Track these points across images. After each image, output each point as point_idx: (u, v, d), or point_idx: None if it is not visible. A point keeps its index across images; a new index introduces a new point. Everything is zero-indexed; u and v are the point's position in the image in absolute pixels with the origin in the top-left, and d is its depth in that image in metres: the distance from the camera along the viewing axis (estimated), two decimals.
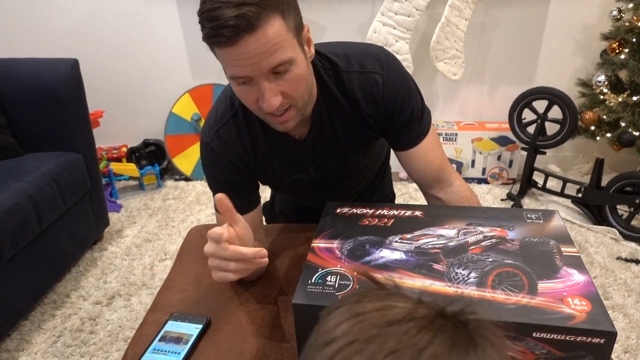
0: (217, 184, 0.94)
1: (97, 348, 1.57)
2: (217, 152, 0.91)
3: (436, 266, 0.70)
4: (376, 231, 0.80)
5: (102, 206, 2.07)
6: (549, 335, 0.59)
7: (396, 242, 0.77)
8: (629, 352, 1.54)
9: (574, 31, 2.51)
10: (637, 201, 2.08)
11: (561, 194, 2.33)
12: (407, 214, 0.85)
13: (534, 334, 0.60)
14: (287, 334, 0.79)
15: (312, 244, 0.78)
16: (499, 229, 0.78)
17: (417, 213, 0.85)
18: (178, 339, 0.76)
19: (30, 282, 1.65)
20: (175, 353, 0.74)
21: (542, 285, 0.65)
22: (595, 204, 2.25)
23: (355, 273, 0.70)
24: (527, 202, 2.46)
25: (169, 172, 2.84)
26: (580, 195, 2.27)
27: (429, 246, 0.75)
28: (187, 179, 2.74)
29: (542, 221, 0.79)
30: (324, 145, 0.96)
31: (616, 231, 2.14)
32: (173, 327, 0.80)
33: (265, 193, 2.17)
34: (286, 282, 0.91)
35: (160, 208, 2.45)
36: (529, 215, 0.81)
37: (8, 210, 1.49)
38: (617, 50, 2.20)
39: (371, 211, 0.86)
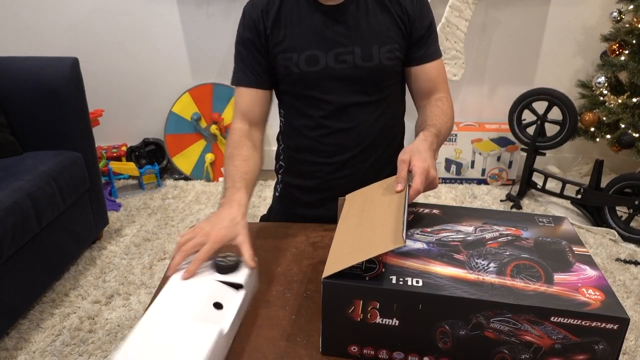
0: (240, 42, 1.11)
1: (95, 347, 1.57)
2: (247, 11, 1.09)
3: (457, 256, 0.75)
4: None
5: (101, 205, 2.07)
6: (565, 320, 0.64)
7: (417, 234, 0.82)
8: (627, 353, 1.54)
9: (574, 32, 2.52)
10: (637, 202, 2.08)
11: (560, 195, 2.33)
12: (425, 211, 0.90)
13: (552, 319, 0.64)
14: (287, 334, 0.79)
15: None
16: (513, 228, 0.84)
17: (435, 211, 0.90)
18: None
19: (29, 280, 1.65)
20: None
21: (558, 277, 0.70)
22: (594, 205, 2.25)
23: (380, 257, 0.73)
24: (526, 203, 2.46)
25: (169, 171, 2.84)
26: (579, 196, 2.27)
27: (449, 239, 0.80)
28: (186, 179, 2.75)
29: (553, 225, 0.85)
30: (354, 22, 1.04)
31: (615, 232, 2.15)
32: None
33: (265, 202, 2.15)
34: (285, 280, 0.91)
35: (160, 207, 2.45)
36: (540, 220, 0.87)
37: (7, 209, 1.48)
38: (617, 52, 2.21)
39: None
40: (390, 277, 0.69)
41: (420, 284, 0.68)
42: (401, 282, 0.68)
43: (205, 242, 0.83)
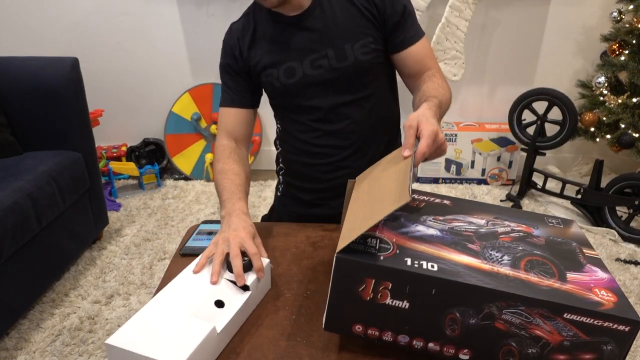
0: (222, 68, 1.16)
1: (95, 347, 1.57)
2: (225, 40, 1.15)
3: (470, 246, 0.74)
4: (409, 209, 0.83)
5: (101, 205, 2.07)
6: (578, 317, 0.63)
7: (430, 220, 0.80)
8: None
9: (574, 32, 2.52)
10: (637, 202, 2.08)
11: (560, 195, 2.33)
12: (436, 201, 0.89)
13: (565, 315, 0.64)
14: (287, 334, 0.79)
15: None
16: (524, 225, 0.83)
17: (446, 202, 0.89)
18: (209, 233, 1.09)
19: (29, 280, 1.65)
20: (208, 240, 1.05)
21: (571, 276, 0.70)
22: (594, 205, 2.25)
23: (394, 239, 0.72)
24: (526, 203, 2.46)
25: (169, 171, 2.84)
26: (579, 196, 2.27)
27: (462, 229, 0.79)
28: (186, 179, 2.75)
29: (562, 226, 0.85)
30: (320, 25, 1.06)
31: (615, 232, 2.15)
32: (205, 227, 1.12)
33: (266, 202, 2.15)
34: (285, 280, 0.91)
35: (160, 207, 2.45)
36: (550, 220, 0.86)
37: (7, 209, 1.48)
38: (617, 52, 2.21)
39: None
40: (405, 259, 0.68)
41: (436, 268, 0.66)
42: (416, 265, 0.66)
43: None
